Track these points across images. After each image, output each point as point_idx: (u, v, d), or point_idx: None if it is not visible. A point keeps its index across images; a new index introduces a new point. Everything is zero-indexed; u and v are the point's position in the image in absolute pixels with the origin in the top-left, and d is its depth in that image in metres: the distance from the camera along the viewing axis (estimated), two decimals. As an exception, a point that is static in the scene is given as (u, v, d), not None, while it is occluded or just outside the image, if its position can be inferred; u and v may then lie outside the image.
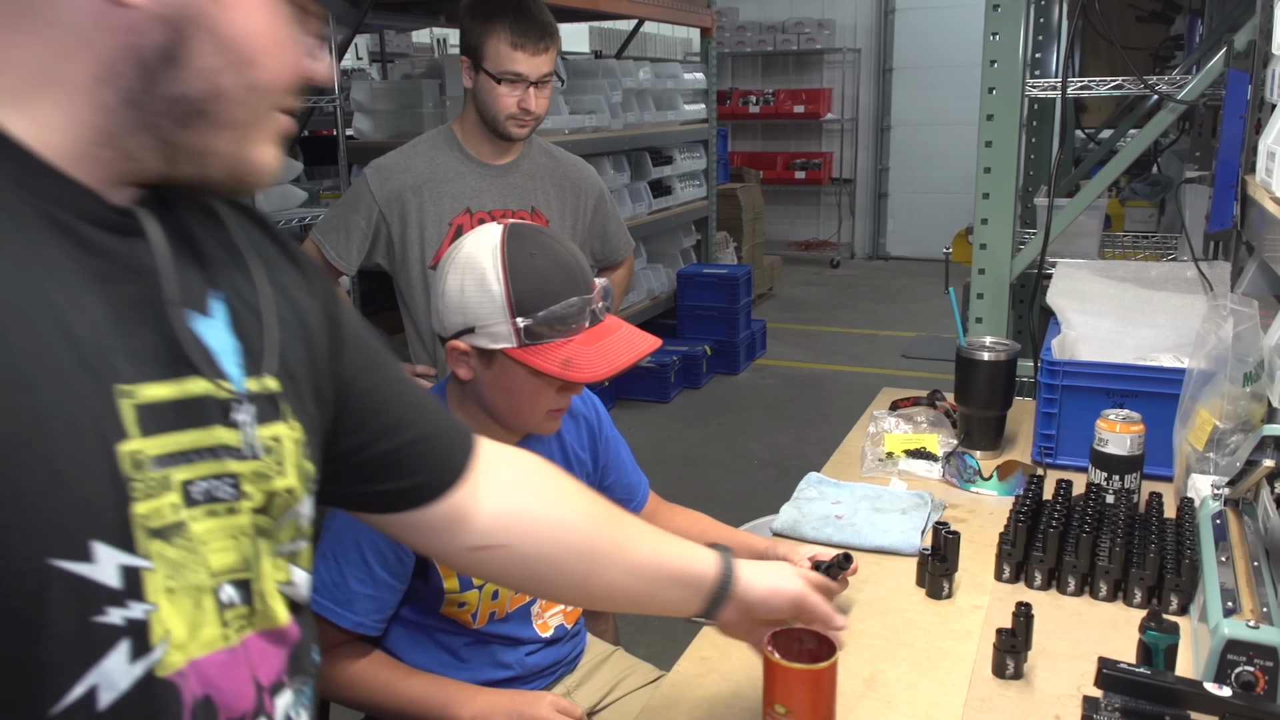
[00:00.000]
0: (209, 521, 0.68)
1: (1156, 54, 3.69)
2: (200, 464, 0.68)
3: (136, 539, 0.62)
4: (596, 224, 2.30)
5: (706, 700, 1.20)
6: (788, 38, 9.25)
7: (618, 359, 1.25)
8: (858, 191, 9.63)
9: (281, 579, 0.76)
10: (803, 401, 5.29)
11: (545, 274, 1.24)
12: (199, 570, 0.67)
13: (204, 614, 0.67)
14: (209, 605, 0.68)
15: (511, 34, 1.93)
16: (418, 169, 2.07)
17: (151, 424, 0.65)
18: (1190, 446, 1.57)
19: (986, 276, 2.41)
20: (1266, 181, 1.54)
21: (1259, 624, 1.07)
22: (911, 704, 1.17)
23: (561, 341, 1.24)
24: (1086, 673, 1.09)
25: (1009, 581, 1.44)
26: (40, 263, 0.61)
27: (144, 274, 0.67)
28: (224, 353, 0.72)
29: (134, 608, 0.62)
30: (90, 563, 0.59)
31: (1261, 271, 1.87)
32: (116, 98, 0.64)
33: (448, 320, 1.28)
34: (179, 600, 0.65)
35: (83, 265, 0.63)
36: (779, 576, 1.09)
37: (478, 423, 1.33)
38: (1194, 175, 2.95)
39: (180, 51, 0.64)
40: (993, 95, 2.33)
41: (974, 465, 1.80)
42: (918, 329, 6.78)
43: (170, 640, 0.64)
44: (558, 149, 2.27)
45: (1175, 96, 2.30)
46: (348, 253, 2.11)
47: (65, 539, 0.58)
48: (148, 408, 0.65)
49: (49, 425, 0.58)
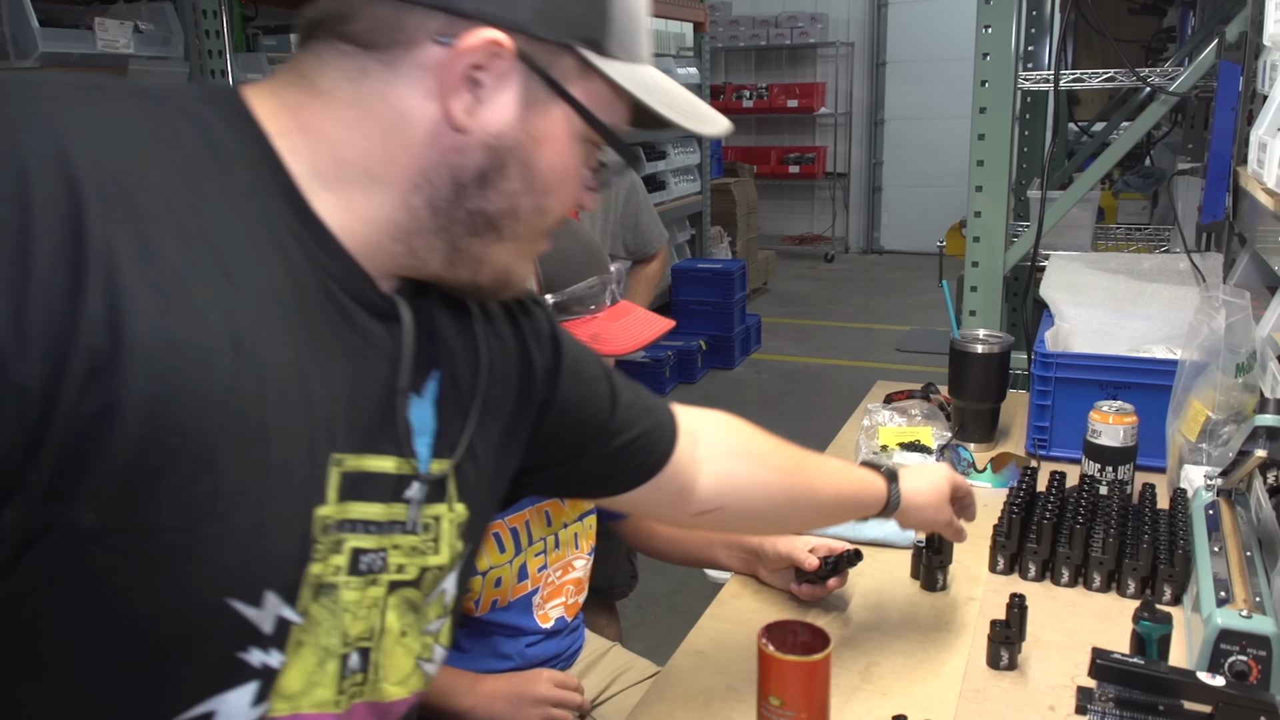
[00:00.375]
0: (357, 591, 0.72)
1: (1149, 46, 3.70)
2: (371, 535, 0.72)
3: (300, 595, 0.67)
4: (629, 215, 2.29)
5: (702, 693, 1.20)
6: (781, 32, 9.23)
7: (641, 334, 1.31)
8: (852, 186, 9.63)
9: (424, 655, 0.80)
10: (798, 396, 5.29)
11: (571, 253, 1.28)
12: (334, 634, 0.71)
13: (324, 675, 0.71)
14: (332, 669, 0.71)
15: None
16: None
17: (347, 491, 0.69)
18: (1183, 437, 1.58)
19: (980, 269, 2.41)
20: (1258, 173, 1.54)
21: (1252, 613, 1.07)
22: (906, 695, 1.17)
23: (586, 318, 1.29)
24: (1080, 663, 1.09)
25: (1003, 573, 1.44)
26: (306, 331, 0.65)
27: (387, 356, 0.72)
28: (422, 431, 0.76)
29: (273, 655, 0.66)
30: (258, 608, 0.63)
31: (1253, 263, 1.88)
32: (424, 203, 0.69)
33: None
34: (304, 656, 0.69)
35: (341, 340, 0.69)
36: (932, 479, 1.25)
37: None
38: (1186, 167, 2.95)
39: (494, 176, 0.70)
40: (985, 88, 2.33)
41: (968, 457, 1.81)
42: (912, 322, 6.79)
43: (281, 691, 0.67)
44: None
45: (1167, 88, 2.30)
46: None
47: (248, 584, 0.62)
48: (348, 475, 0.69)
49: (272, 480, 0.62)
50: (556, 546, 1.43)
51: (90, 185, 0.54)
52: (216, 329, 0.58)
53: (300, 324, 0.65)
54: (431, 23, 0.66)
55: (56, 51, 2.81)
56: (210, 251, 0.59)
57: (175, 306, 0.56)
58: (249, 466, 0.60)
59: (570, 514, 1.46)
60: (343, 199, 0.68)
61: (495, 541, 1.35)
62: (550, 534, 1.42)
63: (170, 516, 0.57)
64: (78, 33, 2.90)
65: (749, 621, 1.33)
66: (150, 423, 0.55)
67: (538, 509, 1.40)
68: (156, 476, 0.56)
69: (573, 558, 1.47)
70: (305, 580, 0.66)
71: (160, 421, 0.55)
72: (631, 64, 0.74)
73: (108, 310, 0.53)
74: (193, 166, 0.61)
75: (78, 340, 0.52)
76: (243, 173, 0.64)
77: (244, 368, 0.59)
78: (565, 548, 1.45)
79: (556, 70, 0.70)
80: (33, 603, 0.55)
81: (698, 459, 1.05)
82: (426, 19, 0.66)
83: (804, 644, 1.05)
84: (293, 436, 0.63)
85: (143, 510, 0.56)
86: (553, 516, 1.43)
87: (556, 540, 1.43)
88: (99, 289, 0.53)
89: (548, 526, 1.42)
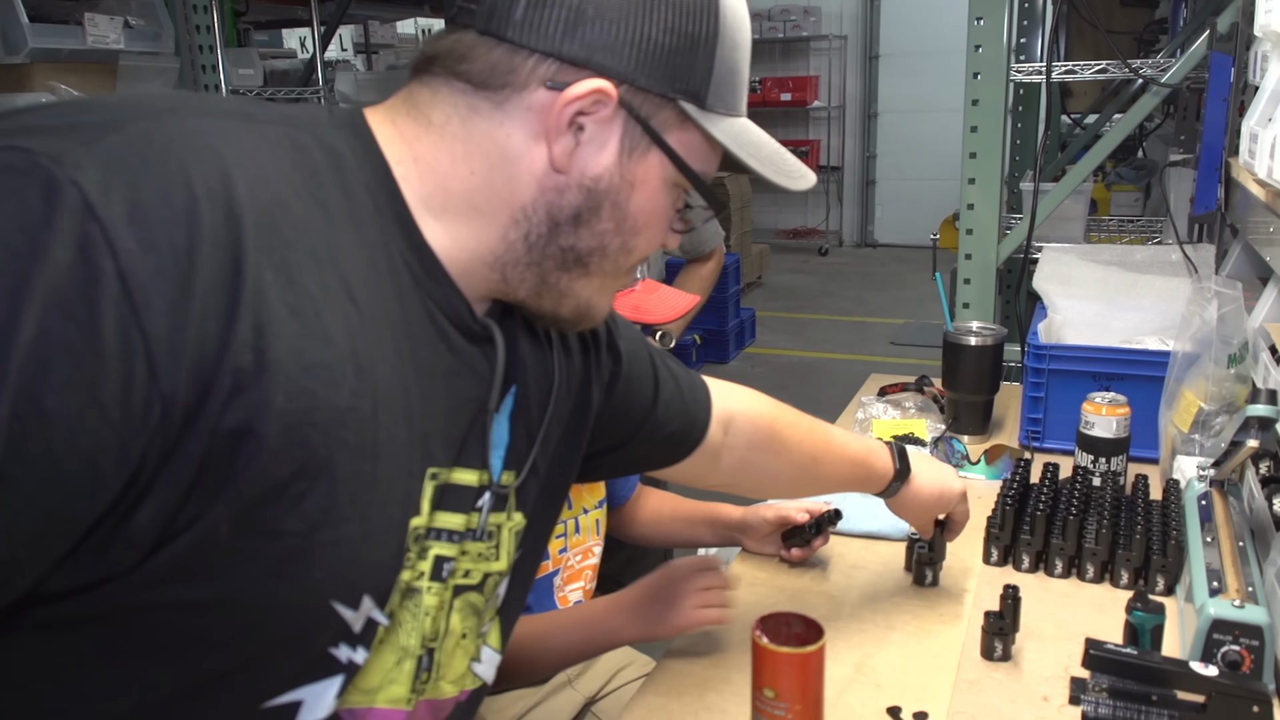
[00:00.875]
0: (436, 596, 0.77)
1: (1141, 38, 3.70)
2: (452, 544, 0.77)
3: (391, 599, 0.72)
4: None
5: (696, 685, 1.20)
6: (774, 25, 9.22)
7: (677, 304, 1.37)
8: (845, 179, 9.62)
9: (476, 657, 0.84)
10: (792, 389, 5.29)
11: None
12: (413, 635, 0.76)
13: (400, 673, 0.76)
14: (408, 668, 0.76)
15: None
16: None
17: (437, 502, 0.74)
18: (1176, 428, 1.58)
19: (973, 262, 2.41)
20: (1250, 164, 1.54)
21: (1244, 603, 1.08)
22: (900, 687, 1.17)
23: (626, 291, 1.34)
24: (1074, 654, 1.09)
25: (996, 564, 1.44)
26: (411, 352, 0.70)
27: (479, 377, 0.77)
28: (497, 445, 0.81)
29: (359, 652, 0.71)
30: (355, 610, 0.68)
31: (1245, 253, 1.88)
32: (521, 237, 0.73)
33: None
34: (385, 654, 0.74)
35: (441, 360, 0.73)
36: (942, 480, 1.31)
37: None
38: (1178, 159, 2.96)
39: (588, 216, 0.73)
40: (978, 80, 2.33)
41: (961, 450, 1.81)
42: (906, 315, 6.79)
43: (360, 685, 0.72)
44: None
45: (1159, 80, 2.30)
46: None
47: (350, 589, 0.67)
48: (440, 488, 0.74)
49: (378, 493, 0.66)
50: (577, 531, 1.48)
51: (248, 216, 0.59)
52: (343, 351, 0.62)
53: (406, 345, 0.69)
54: (543, 68, 0.69)
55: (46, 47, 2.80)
56: (338, 276, 0.64)
57: (311, 331, 0.60)
58: (360, 479, 0.64)
59: (590, 500, 1.50)
60: (449, 228, 0.72)
61: None
62: (571, 518, 1.46)
63: (291, 523, 0.61)
64: (68, 28, 2.89)
65: (743, 614, 1.33)
66: (285, 438, 0.59)
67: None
68: (283, 486, 0.60)
69: (592, 543, 1.52)
70: (396, 585, 0.71)
71: (293, 437, 0.59)
72: (728, 117, 0.77)
73: (254, 333, 0.57)
74: (326, 195, 0.66)
75: (226, 360, 0.56)
76: (364, 198, 0.69)
77: (363, 387, 0.64)
78: (586, 533, 1.49)
79: (657, 120, 0.73)
80: (158, 594, 0.60)
81: (725, 445, 1.13)
82: (539, 64, 0.69)
83: (798, 636, 1.05)
84: (397, 452, 0.67)
85: (269, 516, 0.60)
86: (573, 500, 1.47)
87: (577, 525, 1.48)
88: (249, 314, 0.57)
89: (568, 510, 1.46)
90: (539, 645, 1.29)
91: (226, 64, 2.59)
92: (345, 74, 4.32)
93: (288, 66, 5.07)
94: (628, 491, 1.60)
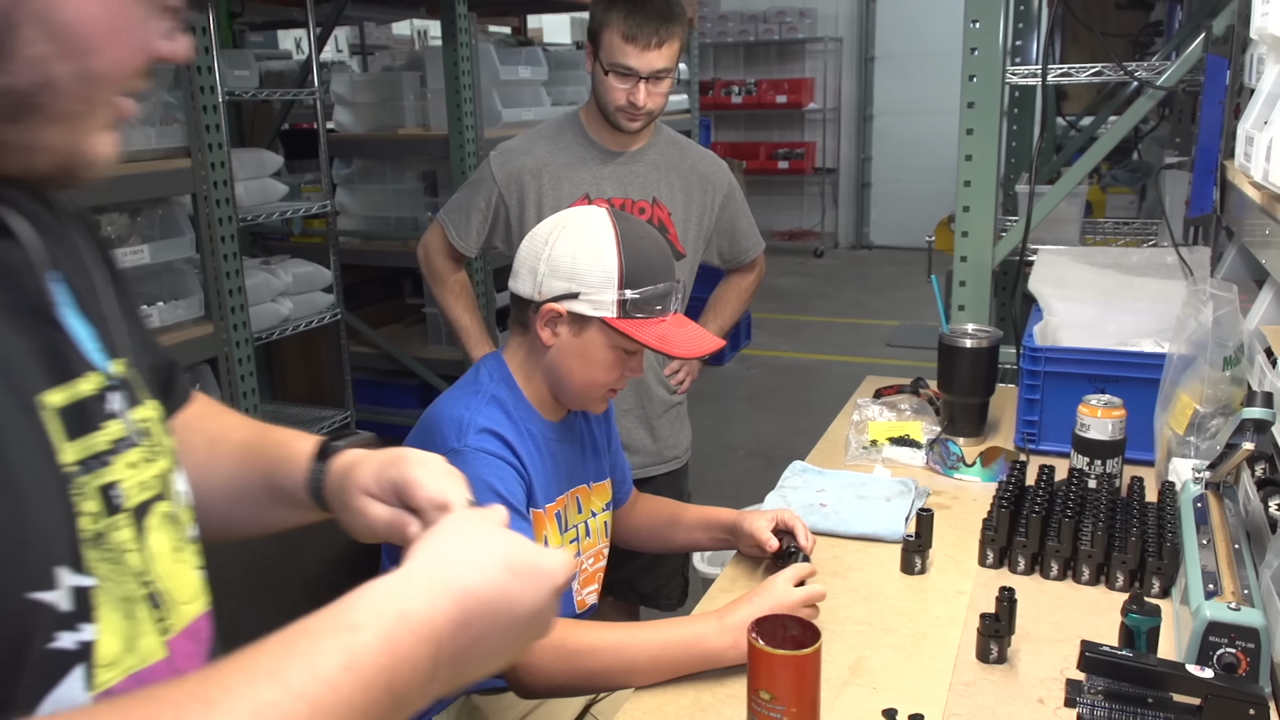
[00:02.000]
0: (124, 528, 0.65)
1: (1136, 40, 3.71)
2: (108, 467, 0.65)
3: (86, 557, 0.60)
4: (724, 221, 2.25)
5: (693, 687, 1.20)
6: (769, 27, 9.23)
7: (703, 344, 1.36)
8: (841, 181, 9.63)
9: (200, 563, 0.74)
10: (788, 391, 5.30)
11: (651, 255, 1.33)
12: (127, 579, 0.64)
13: (138, 624, 0.65)
14: (143, 614, 0.65)
15: (625, 25, 1.89)
16: (540, 152, 2.05)
17: (72, 431, 0.62)
18: (1171, 431, 1.58)
19: (968, 264, 2.41)
20: (1245, 166, 1.54)
21: (1240, 606, 1.08)
22: (896, 689, 1.17)
23: (653, 321, 1.32)
24: (1069, 656, 1.09)
25: (992, 567, 1.44)
26: None
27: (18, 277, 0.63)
28: (85, 339, 0.68)
29: (85, 630, 0.59)
30: (54, 590, 0.57)
31: (1241, 256, 1.88)
32: None
33: (550, 284, 1.32)
34: (111, 617, 0.62)
35: None
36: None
37: (536, 392, 1.40)
38: (1174, 161, 2.97)
39: (7, 41, 0.57)
40: (973, 83, 2.33)
41: (957, 452, 1.81)
42: (901, 317, 6.80)
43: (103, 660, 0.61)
44: (687, 140, 2.22)
45: (1155, 83, 2.31)
46: (467, 233, 2.09)
47: (36, 569, 0.57)
48: (61, 413, 0.62)
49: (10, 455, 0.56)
50: (589, 534, 1.50)
51: None
52: None
53: None
54: None
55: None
56: None
57: None
58: None
59: (598, 503, 1.52)
60: None
61: (556, 522, 1.41)
62: (581, 521, 1.48)
63: None
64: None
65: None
66: None
67: (570, 494, 1.45)
68: None
69: (602, 545, 1.54)
70: (80, 540, 0.61)
71: None
72: None
73: None
74: None
75: None
76: None
77: None
78: (596, 536, 1.52)
79: None
80: None
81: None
82: None
83: (794, 638, 1.05)
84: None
85: None
86: (583, 503, 1.49)
87: (588, 528, 1.49)
88: None
89: (579, 513, 1.48)
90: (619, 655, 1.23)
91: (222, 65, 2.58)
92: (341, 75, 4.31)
93: (283, 68, 5.07)
94: (624, 495, 1.62)
